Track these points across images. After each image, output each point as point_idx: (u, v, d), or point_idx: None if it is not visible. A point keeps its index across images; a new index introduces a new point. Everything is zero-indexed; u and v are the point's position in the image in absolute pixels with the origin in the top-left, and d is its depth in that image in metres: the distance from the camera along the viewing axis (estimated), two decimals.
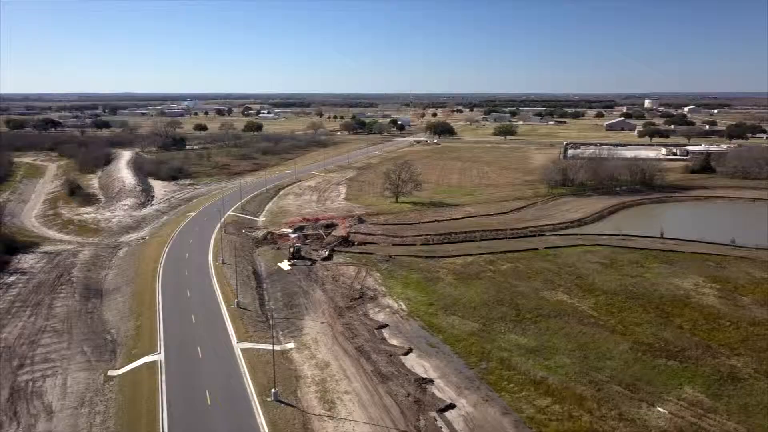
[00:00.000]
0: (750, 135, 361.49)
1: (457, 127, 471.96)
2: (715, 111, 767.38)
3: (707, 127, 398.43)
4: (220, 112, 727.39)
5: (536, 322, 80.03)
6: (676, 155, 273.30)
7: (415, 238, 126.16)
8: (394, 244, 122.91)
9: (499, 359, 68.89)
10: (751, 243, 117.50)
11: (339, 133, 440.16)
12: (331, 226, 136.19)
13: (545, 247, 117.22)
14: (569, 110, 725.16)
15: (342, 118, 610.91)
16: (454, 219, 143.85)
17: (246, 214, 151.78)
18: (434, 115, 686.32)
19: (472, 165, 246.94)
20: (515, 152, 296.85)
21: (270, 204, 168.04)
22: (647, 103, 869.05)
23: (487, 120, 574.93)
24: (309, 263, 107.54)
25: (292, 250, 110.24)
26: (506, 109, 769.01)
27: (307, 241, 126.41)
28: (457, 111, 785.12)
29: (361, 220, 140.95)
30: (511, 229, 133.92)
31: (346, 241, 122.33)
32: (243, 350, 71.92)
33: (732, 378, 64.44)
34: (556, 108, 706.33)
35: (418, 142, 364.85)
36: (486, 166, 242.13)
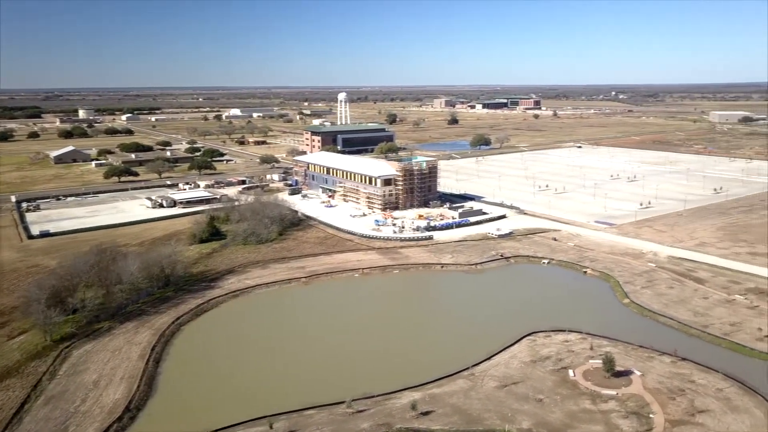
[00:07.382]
0: (222, 159, 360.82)
1: None
2: (153, 119, 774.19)
3: (169, 153, 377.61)
4: None
5: None
6: (164, 206, 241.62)
7: None
8: None
9: None
10: (360, 393, 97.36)
11: None
12: None
13: None
14: None
15: None
16: None
17: None
18: None
19: None
20: None
21: None
22: (82, 113, 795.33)
23: None
24: None
25: None
26: None
27: None
28: None
29: None
30: None
31: None
32: None
33: None
34: None
35: None
36: None
